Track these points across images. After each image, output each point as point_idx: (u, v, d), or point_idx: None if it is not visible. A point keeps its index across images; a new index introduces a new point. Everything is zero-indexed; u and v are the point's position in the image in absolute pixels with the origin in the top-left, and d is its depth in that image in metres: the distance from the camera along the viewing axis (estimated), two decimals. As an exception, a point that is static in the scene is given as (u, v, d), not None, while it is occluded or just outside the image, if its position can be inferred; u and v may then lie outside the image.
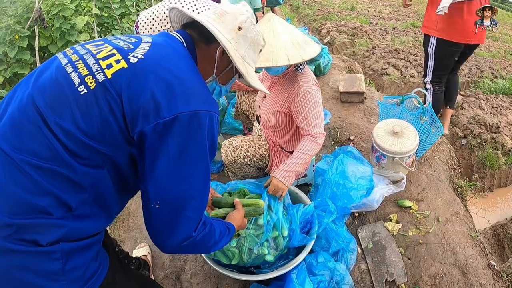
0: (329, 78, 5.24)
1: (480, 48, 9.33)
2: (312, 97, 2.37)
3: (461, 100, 5.29)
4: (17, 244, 1.06)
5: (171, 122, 1.12)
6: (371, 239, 2.79)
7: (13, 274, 1.08)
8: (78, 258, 1.20)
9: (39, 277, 1.11)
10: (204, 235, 1.34)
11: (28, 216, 1.07)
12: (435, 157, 3.60)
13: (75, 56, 1.20)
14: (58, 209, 1.11)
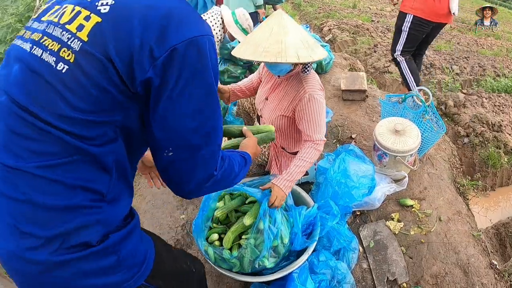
0: (331, 76, 5.22)
1: (483, 47, 9.33)
2: (317, 103, 2.34)
3: (463, 98, 5.28)
4: (69, 253, 1.00)
5: (168, 58, 0.97)
6: (373, 238, 2.78)
7: (76, 283, 1.04)
8: (128, 245, 1.14)
9: (100, 276, 1.07)
10: (224, 171, 1.25)
11: (67, 221, 0.99)
12: (437, 155, 3.59)
13: (37, 35, 1.03)
14: (92, 202, 1.04)
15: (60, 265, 0.99)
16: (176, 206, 3.20)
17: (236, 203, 2.37)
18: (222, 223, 2.40)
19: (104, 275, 1.07)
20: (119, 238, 1.11)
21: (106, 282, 1.08)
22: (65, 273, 1.00)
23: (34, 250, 0.96)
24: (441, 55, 7.34)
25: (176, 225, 3.03)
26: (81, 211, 1.01)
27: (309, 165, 2.34)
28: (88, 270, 1.03)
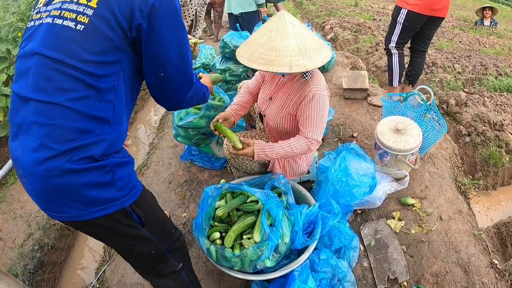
0: (332, 75, 5.23)
1: (485, 45, 9.30)
2: (320, 102, 2.35)
3: (465, 97, 5.27)
4: (79, 164, 1.33)
5: (150, 10, 1.39)
6: (374, 236, 2.79)
7: (79, 190, 1.36)
8: (122, 171, 1.47)
9: (96, 189, 1.38)
10: (198, 84, 1.73)
11: (80, 139, 1.33)
12: (438, 154, 3.60)
13: (55, 12, 1.40)
14: (100, 127, 1.39)
15: (71, 172, 1.32)
16: (177, 204, 3.22)
17: (238, 202, 2.39)
18: (224, 222, 2.41)
19: (99, 188, 1.40)
20: (116, 162, 1.44)
21: (100, 196, 1.40)
22: (73, 179, 1.33)
23: (52, 159, 1.30)
24: (443, 54, 7.33)
25: (178, 223, 3.05)
26: (91, 132, 1.36)
27: (291, 155, 2.41)
28: (89, 181, 1.36)
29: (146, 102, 6.28)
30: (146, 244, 1.67)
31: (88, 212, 1.39)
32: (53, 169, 1.31)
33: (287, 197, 2.44)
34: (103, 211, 1.42)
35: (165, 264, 1.84)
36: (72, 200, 1.37)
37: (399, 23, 3.82)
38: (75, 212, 1.39)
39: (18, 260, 2.99)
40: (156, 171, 3.75)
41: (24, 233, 3.22)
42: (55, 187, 1.34)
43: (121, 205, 1.46)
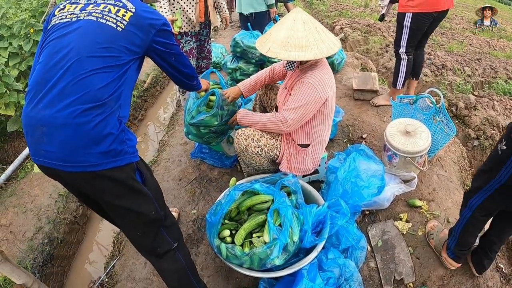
0: (343, 76, 5.24)
1: (495, 48, 9.24)
2: (305, 88, 2.45)
3: (474, 100, 5.26)
4: (107, 119, 1.66)
5: (159, 31, 1.91)
6: (381, 237, 2.81)
7: (104, 140, 1.64)
8: (130, 134, 1.79)
9: (117, 142, 1.68)
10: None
11: (106, 99, 1.66)
12: (446, 157, 3.60)
13: (97, 14, 1.78)
14: (118, 97, 1.74)
15: (101, 123, 1.63)
16: (187, 201, 3.25)
17: (249, 202, 2.41)
18: (233, 220, 2.44)
19: (117, 142, 1.69)
20: (126, 128, 1.78)
21: (118, 148, 1.68)
22: (102, 130, 1.63)
23: (85, 113, 1.59)
24: (452, 56, 7.29)
25: (188, 219, 3.08)
26: (113, 98, 1.71)
27: (261, 125, 2.71)
28: (111, 134, 1.66)
29: (156, 99, 6.32)
30: (148, 203, 1.88)
31: (106, 162, 1.65)
32: (89, 121, 1.59)
33: (296, 196, 2.46)
34: (118, 162, 1.69)
35: (161, 240, 2.02)
36: (94, 150, 1.61)
37: (406, 26, 3.78)
38: (97, 160, 1.63)
39: (27, 253, 3.03)
40: (167, 168, 3.78)
41: (34, 226, 3.26)
42: (87, 136, 1.60)
43: (130, 159, 1.76)
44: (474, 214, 2.14)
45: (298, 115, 2.49)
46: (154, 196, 1.92)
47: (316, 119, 2.65)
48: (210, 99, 2.98)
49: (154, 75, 6.42)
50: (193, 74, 2.35)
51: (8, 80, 4.35)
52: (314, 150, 2.80)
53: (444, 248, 2.53)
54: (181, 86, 2.43)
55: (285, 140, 2.77)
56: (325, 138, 2.82)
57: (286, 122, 2.52)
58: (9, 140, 4.92)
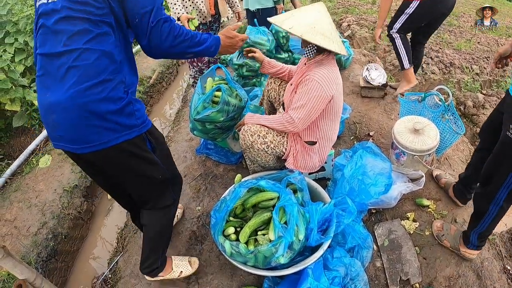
0: (350, 73, 5.21)
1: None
2: (311, 84, 2.43)
3: (483, 99, 5.22)
4: (112, 93, 1.66)
5: None
6: (387, 236, 2.78)
7: (111, 117, 1.66)
8: (138, 105, 1.80)
9: (124, 116, 1.71)
10: (173, 24, 1.81)
11: (108, 74, 1.65)
12: (454, 156, 3.56)
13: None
14: (118, 66, 1.71)
15: (106, 100, 1.64)
16: (192, 197, 3.23)
17: (254, 199, 2.38)
18: (238, 217, 2.41)
19: (125, 116, 1.71)
20: (133, 98, 1.78)
21: (126, 122, 1.72)
22: (108, 107, 1.64)
23: (89, 90, 1.60)
24: (461, 55, 7.23)
25: (192, 216, 3.06)
26: (114, 69, 1.68)
27: (270, 124, 2.68)
28: (119, 109, 1.68)
29: (162, 95, 6.32)
30: (157, 169, 1.98)
31: (116, 137, 1.69)
32: (91, 100, 1.59)
33: (302, 194, 2.44)
34: (128, 135, 1.74)
35: (164, 196, 2.16)
36: (103, 127, 1.65)
37: (406, 13, 3.85)
38: (107, 137, 1.67)
39: (31, 248, 3.02)
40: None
41: (39, 221, 3.25)
42: (92, 115, 1.61)
43: (140, 131, 1.80)
44: (502, 206, 2.18)
45: (305, 114, 2.47)
46: (163, 161, 2.03)
47: (323, 117, 2.62)
48: (216, 94, 2.95)
49: (160, 71, 6.41)
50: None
51: (14, 75, 4.35)
52: (321, 148, 2.77)
53: (462, 244, 2.54)
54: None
55: (291, 137, 2.75)
56: (332, 137, 2.79)
57: (293, 122, 2.50)
58: (15, 135, 4.93)
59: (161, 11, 1.74)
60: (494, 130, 2.32)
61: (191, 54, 1.93)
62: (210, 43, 1.98)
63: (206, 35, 1.97)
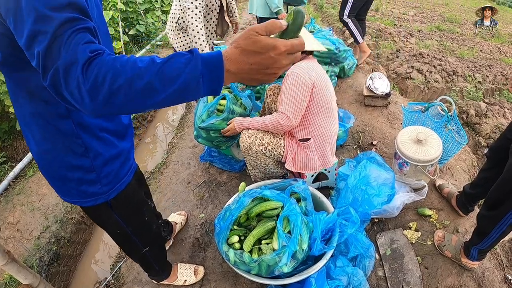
0: (353, 81, 5.23)
1: (506, 54, 9.18)
2: (291, 79, 2.55)
3: (485, 108, 5.22)
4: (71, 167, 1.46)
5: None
6: (390, 246, 2.78)
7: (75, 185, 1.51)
8: (104, 169, 1.55)
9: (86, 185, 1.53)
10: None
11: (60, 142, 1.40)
12: (457, 166, 3.57)
13: None
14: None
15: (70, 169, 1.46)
16: (195, 204, 3.24)
17: (259, 208, 2.39)
18: (242, 225, 2.42)
19: (83, 183, 1.51)
20: (101, 162, 1.52)
21: (88, 190, 1.53)
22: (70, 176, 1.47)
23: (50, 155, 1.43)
24: (463, 63, 7.24)
25: (196, 223, 3.07)
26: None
27: (263, 127, 2.72)
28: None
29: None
30: (127, 240, 1.91)
31: (74, 201, 1.58)
32: (47, 160, 1.45)
33: (306, 203, 2.44)
34: (85, 203, 1.59)
35: (132, 250, 2.10)
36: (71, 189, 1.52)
37: (350, 2, 5.22)
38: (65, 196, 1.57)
39: (34, 251, 3.03)
40: (175, 170, 3.78)
41: (41, 225, 3.26)
42: (56, 178, 1.50)
43: (105, 198, 1.61)
44: (505, 231, 2.21)
45: (293, 105, 2.56)
46: (133, 232, 1.90)
47: (310, 111, 2.68)
48: (221, 103, 2.97)
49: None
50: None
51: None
52: (318, 145, 2.78)
53: (463, 255, 2.55)
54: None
55: (288, 137, 2.79)
56: (327, 133, 2.78)
57: (286, 117, 2.58)
58: (18, 138, 4.93)
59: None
60: (503, 154, 2.38)
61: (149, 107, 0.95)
62: (189, 74, 0.89)
63: (181, 56, 0.90)
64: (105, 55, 0.89)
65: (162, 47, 7.93)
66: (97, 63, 0.86)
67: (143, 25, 7.97)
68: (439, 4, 19.37)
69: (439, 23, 11.99)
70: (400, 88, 6.17)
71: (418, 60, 6.98)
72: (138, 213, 1.94)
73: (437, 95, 6.15)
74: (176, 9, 3.43)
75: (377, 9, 13.03)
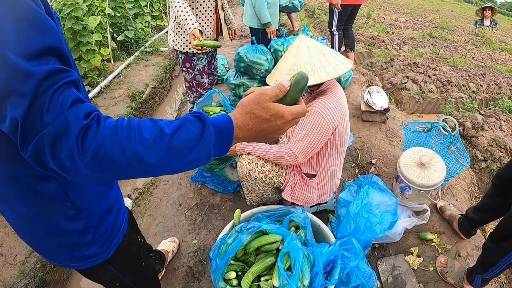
0: (350, 94, 5.14)
1: (497, 62, 9.23)
2: (312, 116, 2.32)
3: (482, 120, 5.17)
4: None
5: None
6: (391, 273, 2.69)
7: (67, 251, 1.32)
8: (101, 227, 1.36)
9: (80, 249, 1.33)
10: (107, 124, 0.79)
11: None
12: (457, 185, 3.49)
13: None
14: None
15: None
16: (188, 229, 3.10)
17: (257, 242, 2.27)
18: (239, 260, 2.30)
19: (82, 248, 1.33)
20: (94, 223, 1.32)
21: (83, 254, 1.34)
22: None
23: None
24: (457, 72, 7.23)
25: (188, 250, 2.93)
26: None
27: (266, 157, 2.52)
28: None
29: (155, 111, 6.18)
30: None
31: (72, 265, 1.38)
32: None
33: (305, 232, 2.33)
34: (82, 265, 1.39)
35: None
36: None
37: (335, 13, 5.67)
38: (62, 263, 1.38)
39: (19, 278, 2.87)
40: (165, 191, 3.62)
41: (26, 249, 3.10)
42: (44, 246, 1.31)
43: (103, 259, 1.42)
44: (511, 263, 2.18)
45: (305, 147, 2.36)
46: (131, 280, 1.73)
47: (325, 149, 2.52)
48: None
49: (153, 85, 6.27)
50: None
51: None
52: (321, 182, 2.66)
53: (466, 282, 2.51)
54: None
55: (290, 167, 2.65)
56: (335, 172, 2.67)
57: (293, 155, 2.39)
58: None
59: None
60: (510, 182, 2.36)
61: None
62: (202, 147, 0.85)
63: (191, 124, 0.85)
64: (102, 121, 0.77)
65: (152, 54, 7.77)
66: (95, 134, 0.74)
67: (132, 30, 7.81)
68: (429, 10, 19.53)
69: (430, 30, 12.05)
70: (396, 99, 6.12)
71: (412, 70, 6.95)
72: (136, 260, 1.79)
73: (432, 105, 6.12)
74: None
75: (369, 15, 13.04)
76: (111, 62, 6.95)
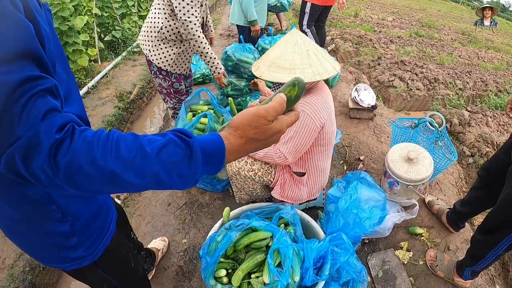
0: (337, 92, 5.15)
1: (483, 60, 9.33)
2: (300, 118, 2.25)
3: (468, 116, 5.22)
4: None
5: None
6: (381, 267, 2.71)
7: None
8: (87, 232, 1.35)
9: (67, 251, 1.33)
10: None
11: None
12: (445, 180, 3.52)
13: None
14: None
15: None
16: (177, 229, 3.09)
17: (247, 239, 2.26)
18: (229, 258, 2.29)
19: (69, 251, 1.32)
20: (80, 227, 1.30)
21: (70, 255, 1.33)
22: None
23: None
24: (444, 69, 7.29)
25: (178, 250, 2.91)
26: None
27: (256, 156, 2.50)
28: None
29: (143, 111, 6.13)
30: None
31: (61, 266, 1.38)
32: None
33: (295, 228, 2.33)
34: (69, 267, 1.39)
35: None
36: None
37: (307, 13, 5.73)
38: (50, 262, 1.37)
39: (8, 282, 2.84)
40: (154, 191, 3.60)
41: (15, 252, 3.06)
42: (31, 246, 1.31)
43: (90, 260, 1.41)
44: (500, 255, 2.21)
45: (294, 147, 2.33)
46: (120, 282, 1.73)
47: (312, 151, 2.51)
48: (202, 121, 2.83)
49: (141, 85, 6.23)
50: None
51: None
52: (310, 179, 2.65)
53: (456, 274, 2.54)
54: None
55: (280, 165, 2.64)
56: (323, 169, 2.66)
57: (283, 157, 2.36)
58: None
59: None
60: (495, 174, 2.39)
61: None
62: (188, 174, 0.82)
63: (176, 146, 0.80)
64: (76, 134, 0.74)
65: (139, 54, 7.73)
66: (67, 149, 0.71)
67: (120, 30, 7.77)
68: (416, 9, 19.66)
69: (417, 29, 12.13)
70: (383, 96, 6.15)
71: (400, 68, 6.99)
72: (124, 262, 1.77)
73: (419, 103, 6.15)
74: (158, 17, 3.15)
75: (356, 14, 13.08)
76: (99, 62, 6.90)
